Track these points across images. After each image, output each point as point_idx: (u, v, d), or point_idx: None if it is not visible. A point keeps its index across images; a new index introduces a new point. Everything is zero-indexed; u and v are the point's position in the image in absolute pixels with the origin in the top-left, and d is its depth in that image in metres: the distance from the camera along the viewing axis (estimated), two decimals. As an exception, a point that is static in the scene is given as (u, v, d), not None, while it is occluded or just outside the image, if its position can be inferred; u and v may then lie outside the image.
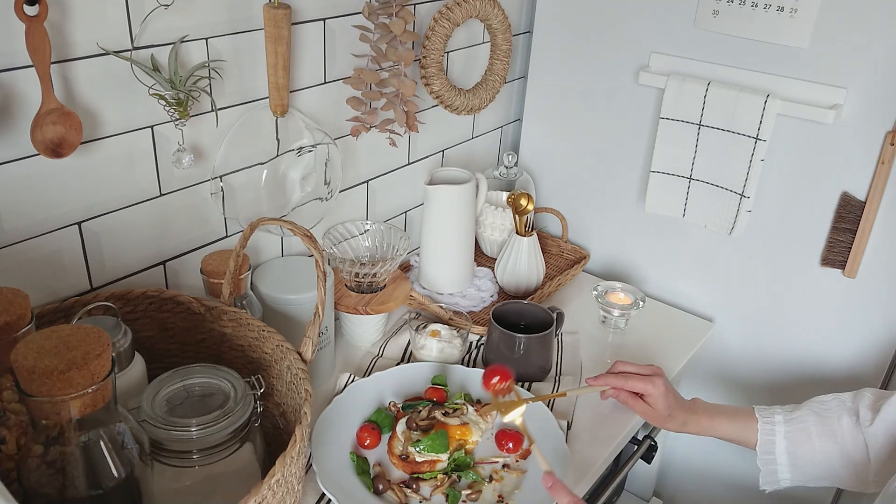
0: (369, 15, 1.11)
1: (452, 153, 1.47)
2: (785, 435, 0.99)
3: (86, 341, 0.62)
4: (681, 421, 1.05)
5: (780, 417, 1.01)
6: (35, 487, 0.64)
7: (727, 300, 1.39)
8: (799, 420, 0.99)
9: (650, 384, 1.04)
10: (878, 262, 1.19)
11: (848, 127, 1.16)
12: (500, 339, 1.15)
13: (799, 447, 0.98)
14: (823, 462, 0.97)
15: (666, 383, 1.05)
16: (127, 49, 0.88)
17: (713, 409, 1.07)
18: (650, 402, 1.05)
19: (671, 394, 1.05)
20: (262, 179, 1.07)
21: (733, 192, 1.26)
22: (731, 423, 1.04)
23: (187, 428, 0.74)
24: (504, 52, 1.39)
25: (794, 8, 1.14)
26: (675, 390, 1.07)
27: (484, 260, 1.52)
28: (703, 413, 1.06)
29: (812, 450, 0.97)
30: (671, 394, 1.05)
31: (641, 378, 1.05)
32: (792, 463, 0.99)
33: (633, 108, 1.37)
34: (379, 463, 0.98)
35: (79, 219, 0.91)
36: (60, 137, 0.80)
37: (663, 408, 1.04)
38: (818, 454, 0.97)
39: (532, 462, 0.99)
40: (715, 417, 1.05)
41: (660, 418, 1.05)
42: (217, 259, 0.98)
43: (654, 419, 1.06)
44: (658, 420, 1.06)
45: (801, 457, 0.98)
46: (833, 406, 0.98)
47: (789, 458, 0.99)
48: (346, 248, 1.25)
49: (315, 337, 0.83)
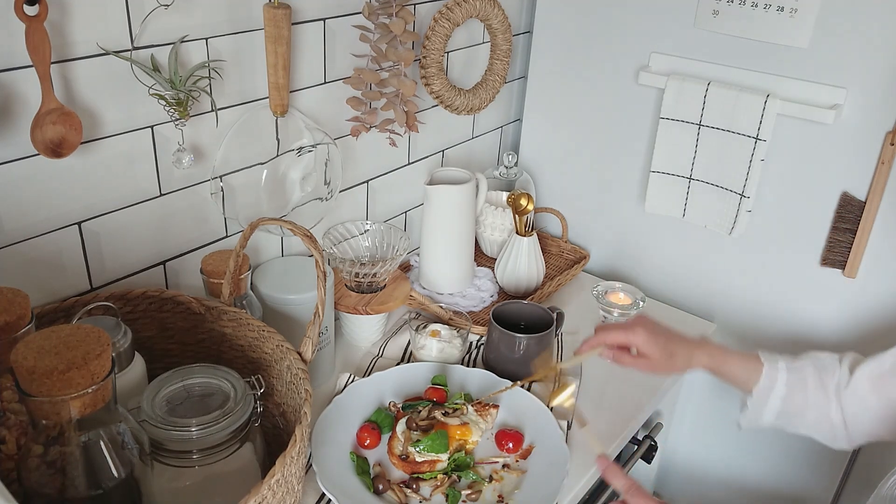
0: (369, 15, 1.11)
1: (452, 153, 1.47)
2: (786, 382, 0.99)
3: (86, 341, 0.63)
4: (686, 356, 1.00)
5: (782, 364, 1.00)
6: (35, 487, 0.64)
7: (727, 300, 1.39)
8: (799, 370, 1.00)
9: (630, 333, 0.99)
10: (878, 262, 1.19)
11: (848, 127, 1.16)
12: (500, 339, 1.16)
13: (794, 396, 0.99)
14: (811, 413, 0.98)
15: (649, 328, 1.00)
16: (127, 49, 0.88)
17: (723, 347, 1.04)
18: (641, 351, 1.00)
19: (661, 335, 1.00)
20: (262, 179, 1.07)
21: (733, 192, 1.26)
22: (741, 362, 1.01)
23: (187, 428, 0.74)
24: (504, 52, 1.39)
25: (794, 8, 1.14)
26: (668, 329, 1.02)
27: (484, 260, 1.52)
28: (715, 347, 1.02)
29: (805, 401, 0.98)
30: (661, 335, 1.00)
31: (621, 330, 1.00)
32: (782, 409, 1.00)
33: (633, 108, 1.37)
34: (379, 463, 0.98)
35: (79, 219, 0.91)
36: (60, 137, 0.80)
37: (657, 352, 0.99)
38: (810, 405, 0.98)
39: (532, 462, 0.99)
40: (727, 353, 1.02)
41: (660, 363, 1.00)
42: (217, 259, 0.98)
43: (655, 367, 1.00)
44: (660, 365, 1.00)
45: (793, 405, 0.99)
46: (828, 362, 1.00)
47: (782, 404, 0.99)
48: (346, 248, 1.25)
49: (315, 337, 0.84)
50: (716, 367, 1.02)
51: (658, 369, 1.00)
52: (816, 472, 1.37)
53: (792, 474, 1.40)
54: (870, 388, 0.93)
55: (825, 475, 1.36)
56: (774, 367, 1.01)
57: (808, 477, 1.38)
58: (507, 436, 1.01)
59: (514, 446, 1.01)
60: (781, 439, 1.38)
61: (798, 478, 1.40)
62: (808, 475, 1.38)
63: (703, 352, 1.02)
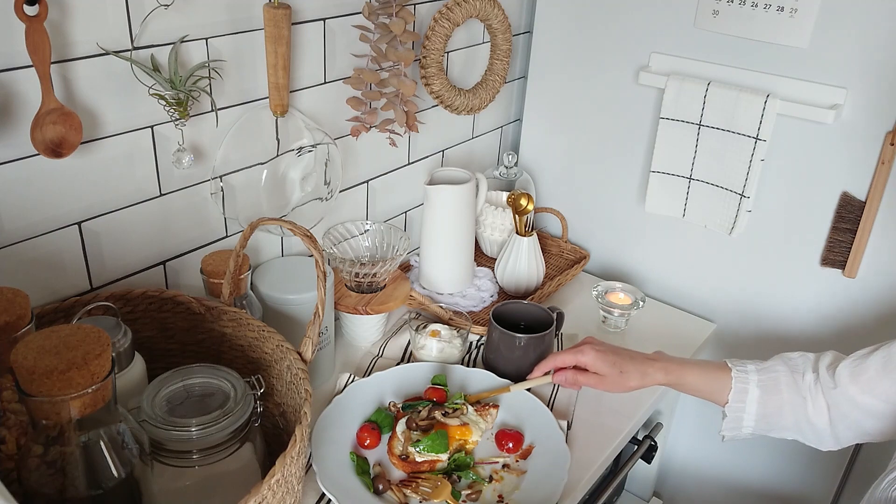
0: (369, 15, 1.11)
1: (452, 153, 1.47)
2: (758, 384, 1.00)
3: (86, 341, 0.63)
4: (639, 373, 1.03)
5: (752, 367, 1.02)
6: (35, 487, 0.64)
7: (727, 300, 1.39)
8: (770, 370, 1.00)
9: (579, 353, 1.04)
10: (878, 262, 1.19)
11: (848, 127, 1.16)
12: (500, 339, 1.16)
13: (769, 397, 0.99)
14: (789, 414, 0.98)
15: (597, 347, 1.05)
16: (127, 49, 0.88)
17: (680, 359, 1.06)
18: (592, 370, 1.04)
19: (609, 353, 1.04)
20: (262, 179, 1.07)
21: (733, 192, 1.26)
22: (702, 372, 1.03)
23: (187, 428, 0.74)
24: (504, 52, 1.39)
25: (794, 8, 1.14)
26: (618, 348, 1.06)
27: (484, 260, 1.52)
28: (669, 361, 1.05)
29: (780, 401, 0.99)
30: (609, 353, 1.04)
31: (570, 352, 1.06)
32: (760, 412, 1.00)
33: (633, 108, 1.37)
34: (379, 463, 0.98)
35: (79, 219, 0.91)
36: (60, 137, 0.80)
37: (606, 369, 1.03)
38: (786, 405, 0.98)
39: (532, 462, 0.99)
40: (684, 366, 1.05)
41: (613, 381, 1.04)
42: (217, 259, 0.98)
43: (608, 385, 1.04)
44: (613, 383, 1.04)
45: (770, 406, 0.99)
46: (800, 362, 1.00)
47: (759, 408, 1.00)
48: (346, 248, 1.25)
49: (315, 337, 0.84)
50: (673, 381, 1.04)
51: (611, 387, 1.05)
52: (816, 472, 1.37)
53: (792, 474, 1.40)
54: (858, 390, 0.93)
55: (825, 475, 1.36)
56: (744, 370, 1.01)
57: (808, 477, 1.39)
58: (507, 436, 1.01)
59: (514, 446, 1.01)
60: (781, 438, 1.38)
61: (798, 478, 1.40)
62: (808, 475, 1.38)
63: (656, 368, 1.04)
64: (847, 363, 0.95)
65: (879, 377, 0.91)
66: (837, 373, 0.95)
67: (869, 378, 0.92)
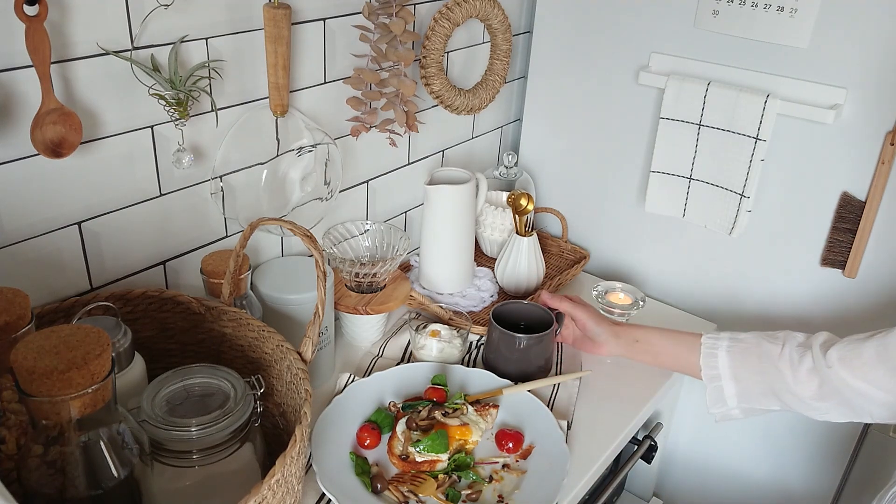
0: (369, 15, 1.11)
1: (452, 153, 1.47)
2: (727, 349, 1.02)
3: (86, 341, 0.63)
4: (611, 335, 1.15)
5: (725, 334, 1.05)
6: (35, 487, 0.64)
7: (727, 300, 1.39)
8: (743, 340, 1.02)
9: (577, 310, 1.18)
10: (878, 262, 1.19)
11: (848, 127, 1.16)
12: (500, 339, 1.15)
13: (742, 363, 1.00)
14: (765, 382, 0.99)
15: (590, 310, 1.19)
16: (127, 49, 0.88)
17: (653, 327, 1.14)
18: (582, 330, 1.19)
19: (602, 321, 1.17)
20: (262, 179, 1.07)
21: (733, 192, 1.26)
22: (675, 341, 1.09)
23: (187, 428, 0.74)
24: (504, 52, 1.39)
25: (794, 8, 1.14)
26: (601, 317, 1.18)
27: (484, 260, 1.52)
28: (637, 328, 1.14)
29: (755, 368, 0.99)
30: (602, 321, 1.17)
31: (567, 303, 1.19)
32: (734, 376, 1.01)
33: (633, 108, 1.37)
34: (378, 463, 0.98)
35: (79, 219, 0.91)
36: (60, 137, 0.80)
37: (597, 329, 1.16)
38: (760, 373, 0.99)
39: (532, 462, 0.99)
40: (652, 332, 1.12)
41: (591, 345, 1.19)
42: (217, 259, 0.98)
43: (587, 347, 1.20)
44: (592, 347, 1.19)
45: (743, 371, 1.00)
46: (780, 335, 1.01)
47: (731, 372, 1.01)
48: (346, 248, 1.25)
49: (315, 337, 0.84)
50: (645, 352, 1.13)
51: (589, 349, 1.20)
52: (816, 472, 1.37)
53: (792, 474, 1.40)
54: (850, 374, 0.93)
55: (825, 475, 1.36)
56: (715, 336, 1.05)
57: (808, 477, 1.38)
58: (507, 436, 1.01)
59: (514, 446, 1.01)
60: (781, 439, 1.38)
61: (798, 478, 1.40)
62: (808, 475, 1.38)
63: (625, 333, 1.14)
64: (841, 346, 0.95)
65: (873, 365, 0.92)
66: (829, 354, 0.95)
67: (863, 363, 0.92)
